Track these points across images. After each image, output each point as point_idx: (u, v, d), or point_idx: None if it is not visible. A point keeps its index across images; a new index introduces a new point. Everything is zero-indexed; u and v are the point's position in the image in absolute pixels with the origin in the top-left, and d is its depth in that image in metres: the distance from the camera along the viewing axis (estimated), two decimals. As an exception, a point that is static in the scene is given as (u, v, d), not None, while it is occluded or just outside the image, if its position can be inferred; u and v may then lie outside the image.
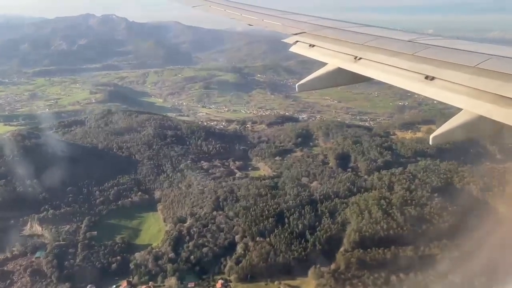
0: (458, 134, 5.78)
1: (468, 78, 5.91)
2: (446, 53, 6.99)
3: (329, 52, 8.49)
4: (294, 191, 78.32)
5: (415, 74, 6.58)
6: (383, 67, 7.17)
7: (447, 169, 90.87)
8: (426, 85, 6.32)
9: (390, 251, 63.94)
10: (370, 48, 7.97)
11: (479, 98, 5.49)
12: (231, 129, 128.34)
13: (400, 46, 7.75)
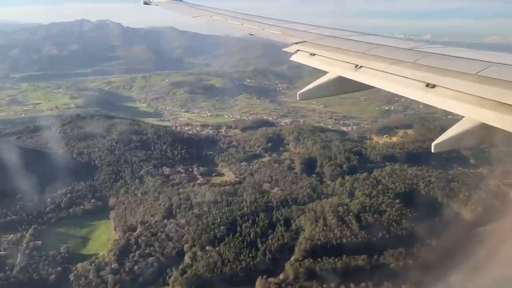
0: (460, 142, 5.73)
1: (469, 85, 5.88)
2: (447, 60, 6.99)
3: (329, 61, 8.57)
4: (252, 197, 76.01)
5: (416, 82, 6.56)
6: (384, 75, 7.19)
7: (413, 174, 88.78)
8: (427, 93, 6.29)
9: (342, 260, 61.57)
10: (370, 56, 8.02)
11: (481, 105, 5.47)
12: (204, 134, 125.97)
13: (401, 54, 7.78)
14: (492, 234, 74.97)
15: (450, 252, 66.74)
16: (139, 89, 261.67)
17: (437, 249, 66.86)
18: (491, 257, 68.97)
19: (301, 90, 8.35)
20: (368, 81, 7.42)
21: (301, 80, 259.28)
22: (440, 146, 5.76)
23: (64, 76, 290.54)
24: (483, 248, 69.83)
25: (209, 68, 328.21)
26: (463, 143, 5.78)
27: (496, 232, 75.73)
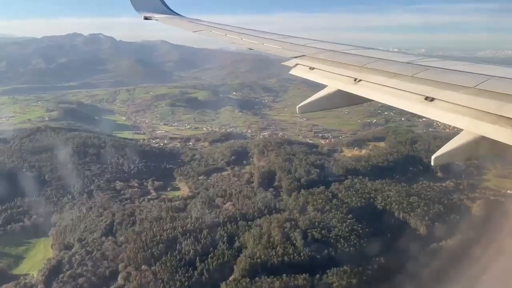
0: (459, 155, 5.75)
1: (468, 98, 5.95)
2: (445, 74, 7.02)
3: (329, 75, 8.62)
4: (199, 213, 72.98)
5: (415, 95, 6.60)
6: (383, 88, 7.23)
7: (373, 188, 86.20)
8: (426, 106, 6.32)
9: (281, 279, 58.50)
10: (369, 70, 8.11)
11: (480, 118, 5.53)
12: (170, 147, 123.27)
13: (399, 67, 7.83)
14: (445, 250, 72.34)
15: (398, 270, 63.96)
16: (121, 102, 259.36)
17: (385, 267, 64.03)
18: (439, 275, 66.21)
19: (300, 104, 8.28)
20: (367, 94, 7.40)
21: (288, 93, 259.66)
22: (440, 160, 5.79)
23: (49, 89, 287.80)
24: (433, 266, 67.14)
25: (196, 81, 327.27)
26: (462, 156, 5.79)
27: (450, 248, 73.10)
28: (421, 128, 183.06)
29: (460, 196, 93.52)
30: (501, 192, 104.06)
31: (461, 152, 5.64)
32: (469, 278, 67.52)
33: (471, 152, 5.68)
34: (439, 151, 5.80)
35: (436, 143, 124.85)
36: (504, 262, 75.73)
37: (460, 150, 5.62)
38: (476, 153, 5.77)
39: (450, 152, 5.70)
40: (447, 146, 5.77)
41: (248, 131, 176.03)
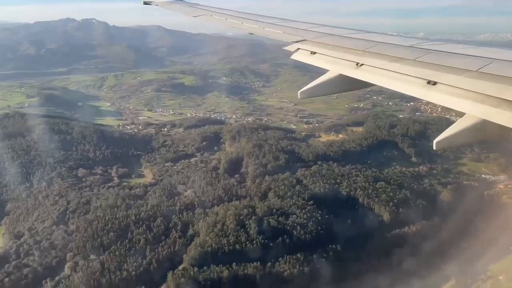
0: (461, 139, 5.77)
1: (470, 82, 5.93)
2: (448, 57, 7.01)
3: (330, 59, 8.55)
4: (157, 200, 71.24)
5: (417, 79, 6.59)
6: (385, 72, 7.21)
7: (340, 174, 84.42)
8: (428, 90, 6.31)
9: (231, 268, 57.08)
10: (371, 54, 8.05)
11: (482, 102, 5.51)
12: (143, 133, 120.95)
13: (401, 51, 7.80)
14: (406, 237, 70.94)
15: (354, 257, 62.60)
16: (109, 88, 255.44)
17: (341, 254, 62.62)
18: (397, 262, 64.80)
19: (302, 89, 8.28)
20: (369, 79, 7.38)
21: (279, 78, 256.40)
22: (442, 144, 5.79)
23: (37, 75, 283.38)
24: (392, 253, 65.74)
25: (188, 66, 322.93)
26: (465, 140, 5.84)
27: (411, 234, 71.71)
28: (408, 113, 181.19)
29: (432, 181, 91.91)
30: (475, 176, 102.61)
31: (463, 136, 5.64)
32: (427, 265, 66.29)
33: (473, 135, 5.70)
34: (441, 135, 5.76)
35: (414, 127, 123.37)
36: (467, 249, 74.51)
37: (462, 134, 5.62)
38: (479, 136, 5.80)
39: (452, 136, 5.68)
40: (449, 130, 5.75)
41: (233, 117, 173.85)
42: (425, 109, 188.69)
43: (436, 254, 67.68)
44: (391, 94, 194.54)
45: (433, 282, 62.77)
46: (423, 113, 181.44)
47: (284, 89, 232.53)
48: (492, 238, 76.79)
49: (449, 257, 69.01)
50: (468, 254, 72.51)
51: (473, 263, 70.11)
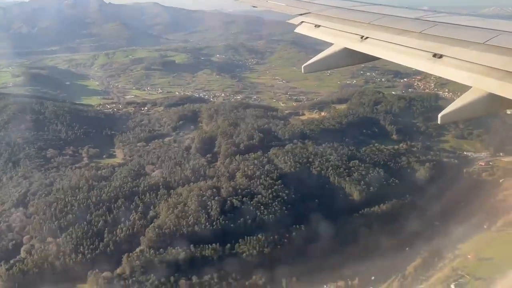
0: (466, 113, 5.75)
1: (477, 55, 5.83)
2: (454, 30, 6.90)
3: (335, 32, 8.45)
4: (121, 181, 69.69)
5: (423, 52, 6.51)
6: (390, 46, 7.14)
7: (313, 153, 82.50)
8: (434, 63, 6.27)
9: (188, 250, 55.92)
10: (376, 27, 7.91)
11: (489, 75, 5.44)
12: (121, 112, 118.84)
13: (407, 24, 7.66)
14: (374, 216, 69.50)
15: (316, 238, 61.28)
16: (99, 66, 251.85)
17: (303, 235, 61.30)
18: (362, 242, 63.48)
19: (306, 63, 8.19)
20: (374, 52, 7.31)
21: (274, 55, 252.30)
22: (447, 118, 5.74)
23: (28, 54, 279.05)
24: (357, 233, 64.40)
25: (183, 44, 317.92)
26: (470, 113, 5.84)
27: (380, 214, 70.27)
28: (401, 89, 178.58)
29: (410, 158, 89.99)
30: (456, 154, 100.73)
31: (468, 109, 5.60)
32: (394, 245, 65.00)
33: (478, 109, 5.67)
34: (446, 109, 5.74)
35: (399, 104, 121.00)
36: (439, 227, 73.24)
37: (468, 108, 5.57)
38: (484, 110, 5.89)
39: (457, 110, 5.62)
40: (455, 103, 5.72)
41: (222, 95, 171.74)
42: (418, 86, 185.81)
43: (405, 233, 66.28)
44: (385, 71, 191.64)
45: (398, 262, 61.52)
46: (416, 89, 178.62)
47: (278, 66, 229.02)
48: (467, 216, 75.43)
49: (419, 236, 67.72)
50: (439, 232, 71.30)
51: (444, 241, 68.90)
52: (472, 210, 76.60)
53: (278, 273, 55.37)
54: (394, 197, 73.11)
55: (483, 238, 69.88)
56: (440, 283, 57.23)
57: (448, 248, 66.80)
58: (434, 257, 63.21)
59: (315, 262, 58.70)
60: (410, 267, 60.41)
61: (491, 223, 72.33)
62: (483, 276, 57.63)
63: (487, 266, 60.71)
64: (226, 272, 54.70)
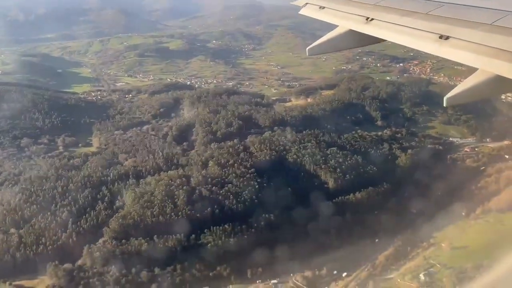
0: (473, 95, 5.70)
1: (484, 36, 5.79)
2: (461, 10, 6.82)
3: (339, 14, 8.38)
4: (91, 171, 68.44)
5: (429, 33, 6.45)
6: (396, 27, 7.08)
7: (291, 140, 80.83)
8: (440, 45, 6.19)
9: (151, 241, 54.76)
10: (382, 8, 7.84)
11: (496, 57, 5.40)
12: (104, 100, 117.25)
13: (413, 5, 7.57)
14: (348, 204, 68.04)
15: (286, 227, 60.02)
16: (93, 53, 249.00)
17: (273, 225, 60.04)
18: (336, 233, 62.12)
19: (310, 45, 8.07)
20: (380, 34, 7.27)
21: (271, 40, 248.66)
22: (453, 100, 5.66)
23: (23, 42, 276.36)
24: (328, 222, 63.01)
25: (180, 30, 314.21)
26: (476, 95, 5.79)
27: (354, 202, 68.79)
28: (396, 74, 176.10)
29: (393, 145, 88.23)
30: (441, 140, 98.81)
31: (474, 91, 5.54)
32: (367, 234, 63.68)
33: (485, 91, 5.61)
34: (452, 91, 5.69)
35: (387, 89, 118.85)
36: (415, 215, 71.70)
37: (474, 90, 5.52)
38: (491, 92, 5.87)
39: (463, 92, 5.57)
40: (461, 86, 5.64)
41: (214, 81, 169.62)
42: (414, 71, 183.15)
43: (379, 222, 64.95)
44: (382, 55, 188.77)
45: (370, 251, 60.24)
46: (412, 74, 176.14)
47: (275, 52, 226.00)
48: (446, 204, 73.88)
49: (394, 224, 66.29)
50: (416, 220, 69.83)
51: (419, 230, 67.47)
52: (452, 198, 74.98)
53: (243, 264, 54.22)
54: (370, 185, 71.51)
55: (460, 226, 68.41)
56: (410, 272, 55.97)
57: (423, 237, 65.37)
58: (407, 246, 61.82)
59: (284, 252, 57.45)
60: (381, 256, 59.05)
61: (470, 211, 70.71)
62: (454, 265, 56.33)
63: (460, 255, 59.41)
64: (190, 263, 53.37)
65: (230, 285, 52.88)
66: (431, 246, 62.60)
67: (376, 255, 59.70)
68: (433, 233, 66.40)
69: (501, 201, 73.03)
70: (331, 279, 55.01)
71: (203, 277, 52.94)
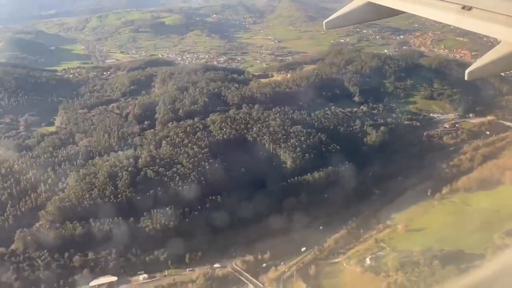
0: (495, 68, 5.59)
1: (508, 6, 5.55)
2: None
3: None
4: (41, 151, 66.64)
5: (451, 4, 6.28)
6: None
7: (255, 118, 77.71)
8: (463, 16, 5.97)
9: (87, 225, 53.07)
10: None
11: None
12: (81, 78, 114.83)
13: None
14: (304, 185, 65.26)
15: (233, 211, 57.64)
16: (91, 30, 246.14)
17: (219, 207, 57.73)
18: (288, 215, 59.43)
19: (327, 19, 7.89)
20: (399, 6, 7.10)
21: (273, 13, 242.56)
22: (475, 73, 5.53)
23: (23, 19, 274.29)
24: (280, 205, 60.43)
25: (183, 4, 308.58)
26: (499, 68, 5.65)
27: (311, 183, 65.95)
28: (394, 47, 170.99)
29: (366, 122, 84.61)
30: (420, 116, 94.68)
31: (497, 64, 5.41)
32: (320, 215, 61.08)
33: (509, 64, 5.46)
34: (473, 64, 5.53)
35: (372, 63, 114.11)
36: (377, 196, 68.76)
37: (497, 63, 5.39)
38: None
39: (485, 65, 5.44)
40: (483, 59, 5.50)
41: (205, 57, 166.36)
42: (414, 43, 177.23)
43: (335, 203, 62.24)
44: (384, 27, 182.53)
45: (320, 234, 57.78)
46: (411, 46, 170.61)
47: (275, 25, 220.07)
48: (412, 184, 70.79)
49: (351, 205, 63.68)
50: (377, 201, 66.98)
51: (378, 211, 64.74)
52: (420, 177, 71.80)
53: (182, 249, 52.33)
54: (331, 164, 68.44)
55: (423, 207, 65.34)
56: (357, 256, 53.49)
57: (381, 218, 62.61)
58: (361, 229, 59.11)
59: (228, 236, 55.59)
60: (331, 239, 56.50)
61: (436, 191, 67.44)
62: (404, 248, 53.59)
63: (413, 238, 56.61)
64: (126, 248, 51.65)
65: (166, 270, 50.96)
66: (386, 228, 59.82)
67: (326, 238, 57.17)
68: (392, 214, 63.57)
69: (471, 180, 69.56)
70: (273, 263, 52.77)
71: (139, 262, 51.30)
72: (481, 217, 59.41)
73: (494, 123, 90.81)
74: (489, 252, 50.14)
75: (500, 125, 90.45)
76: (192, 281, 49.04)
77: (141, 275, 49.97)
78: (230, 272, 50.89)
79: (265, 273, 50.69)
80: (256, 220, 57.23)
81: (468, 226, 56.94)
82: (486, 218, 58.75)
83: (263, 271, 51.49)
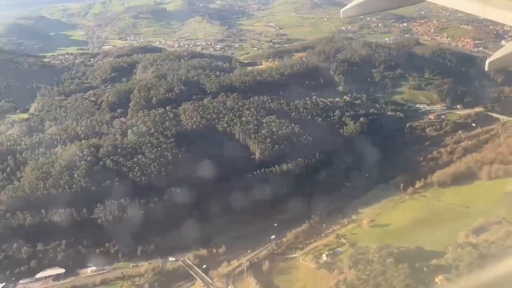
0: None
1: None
2: None
3: None
4: (5, 138, 65.87)
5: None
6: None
7: (228, 107, 75.80)
8: (485, 5, 5.73)
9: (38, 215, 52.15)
10: None
11: None
12: (67, 64, 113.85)
13: None
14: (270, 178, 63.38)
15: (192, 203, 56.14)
16: (93, 15, 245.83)
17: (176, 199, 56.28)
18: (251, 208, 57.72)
19: (344, 8, 7.68)
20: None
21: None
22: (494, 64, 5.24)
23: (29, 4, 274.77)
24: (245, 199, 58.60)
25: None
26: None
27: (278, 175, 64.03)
28: (396, 35, 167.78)
29: (347, 112, 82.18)
30: (405, 107, 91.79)
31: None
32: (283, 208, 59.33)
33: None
34: (494, 54, 5.24)
35: (361, 52, 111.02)
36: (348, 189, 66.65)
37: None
38: None
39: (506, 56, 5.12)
40: (504, 49, 5.19)
41: (202, 44, 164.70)
42: (417, 31, 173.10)
43: (301, 196, 60.22)
44: (387, 14, 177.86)
45: (281, 228, 56.13)
46: (413, 35, 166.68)
47: (279, 12, 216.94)
48: (385, 177, 68.58)
49: (318, 199, 61.58)
50: (346, 195, 64.91)
51: (346, 205, 62.74)
52: (395, 171, 69.52)
53: (134, 241, 51.17)
54: (301, 156, 66.46)
55: (393, 201, 63.19)
56: (315, 252, 51.74)
57: (347, 213, 60.65)
58: (324, 223, 57.27)
59: (185, 229, 53.98)
60: (291, 234, 54.81)
61: (409, 185, 65.14)
62: (363, 244, 51.64)
63: (376, 234, 54.57)
64: (77, 239, 50.64)
65: (116, 263, 49.88)
66: (351, 223, 57.87)
67: (286, 233, 55.50)
68: (360, 209, 61.54)
69: (447, 175, 67.08)
70: (228, 257, 51.35)
71: (89, 254, 50.16)
72: (450, 213, 57.28)
73: (481, 115, 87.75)
74: (449, 250, 48.08)
75: (487, 117, 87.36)
76: (141, 274, 47.83)
77: (89, 268, 48.87)
78: (180, 266, 49.56)
79: (216, 268, 49.23)
80: (217, 213, 55.75)
81: (434, 223, 54.81)
82: (454, 215, 56.62)
83: (214, 266, 50.04)
